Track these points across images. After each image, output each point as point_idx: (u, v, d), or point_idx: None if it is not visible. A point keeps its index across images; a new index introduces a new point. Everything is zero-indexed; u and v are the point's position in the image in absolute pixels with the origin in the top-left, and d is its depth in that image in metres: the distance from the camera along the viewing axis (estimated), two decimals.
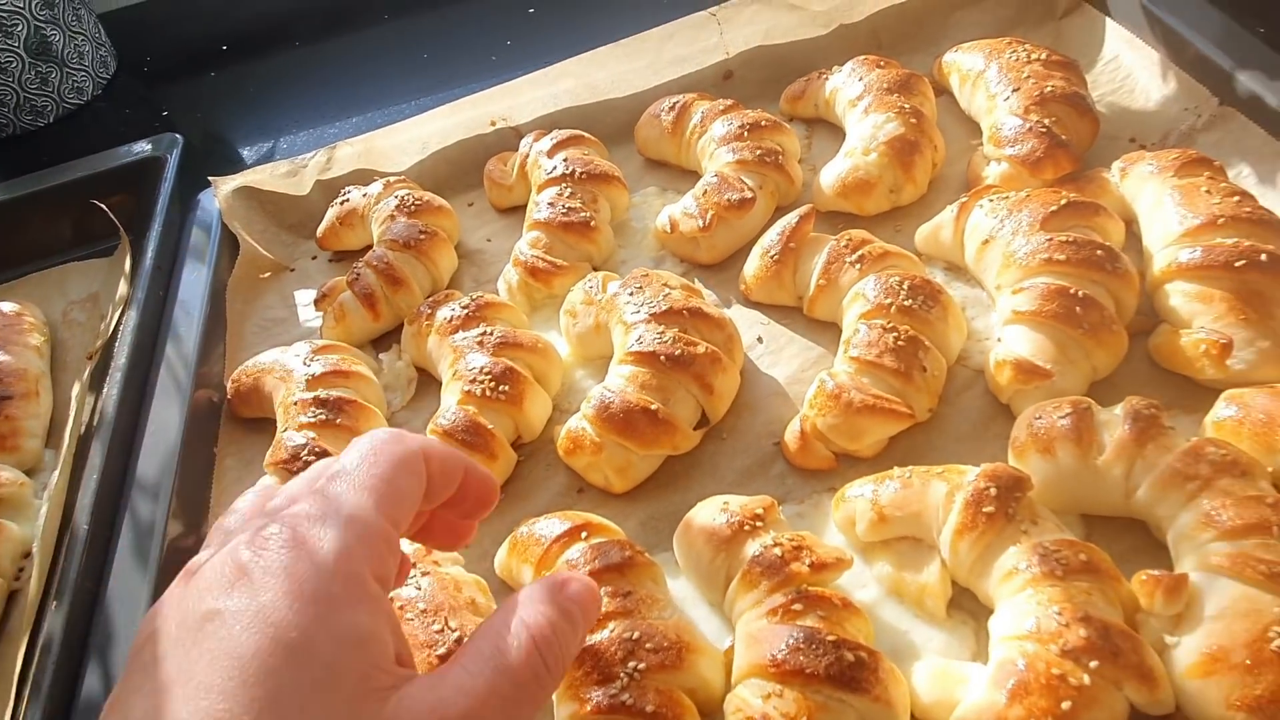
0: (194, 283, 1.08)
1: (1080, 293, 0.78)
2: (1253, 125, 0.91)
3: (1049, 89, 0.95)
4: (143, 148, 1.25)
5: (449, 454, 0.55)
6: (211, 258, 1.10)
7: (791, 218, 0.92)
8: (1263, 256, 0.76)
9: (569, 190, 1.01)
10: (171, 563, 0.83)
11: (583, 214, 1.00)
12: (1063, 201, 0.84)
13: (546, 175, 1.04)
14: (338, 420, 0.88)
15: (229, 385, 0.98)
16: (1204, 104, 0.96)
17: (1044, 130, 0.92)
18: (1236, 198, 0.81)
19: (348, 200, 1.11)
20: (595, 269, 1.01)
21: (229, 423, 0.98)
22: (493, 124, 1.16)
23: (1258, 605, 0.59)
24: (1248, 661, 0.58)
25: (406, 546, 0.79)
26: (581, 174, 1.02)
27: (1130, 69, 1.04)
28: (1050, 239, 0.82)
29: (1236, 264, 0.76)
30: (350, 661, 0.45)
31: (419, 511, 0.55)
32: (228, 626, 0.44)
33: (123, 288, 1.10)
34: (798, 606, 0.66)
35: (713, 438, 0.86)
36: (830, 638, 0.63)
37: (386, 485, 0.50)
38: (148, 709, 0.44)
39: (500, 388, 0.86)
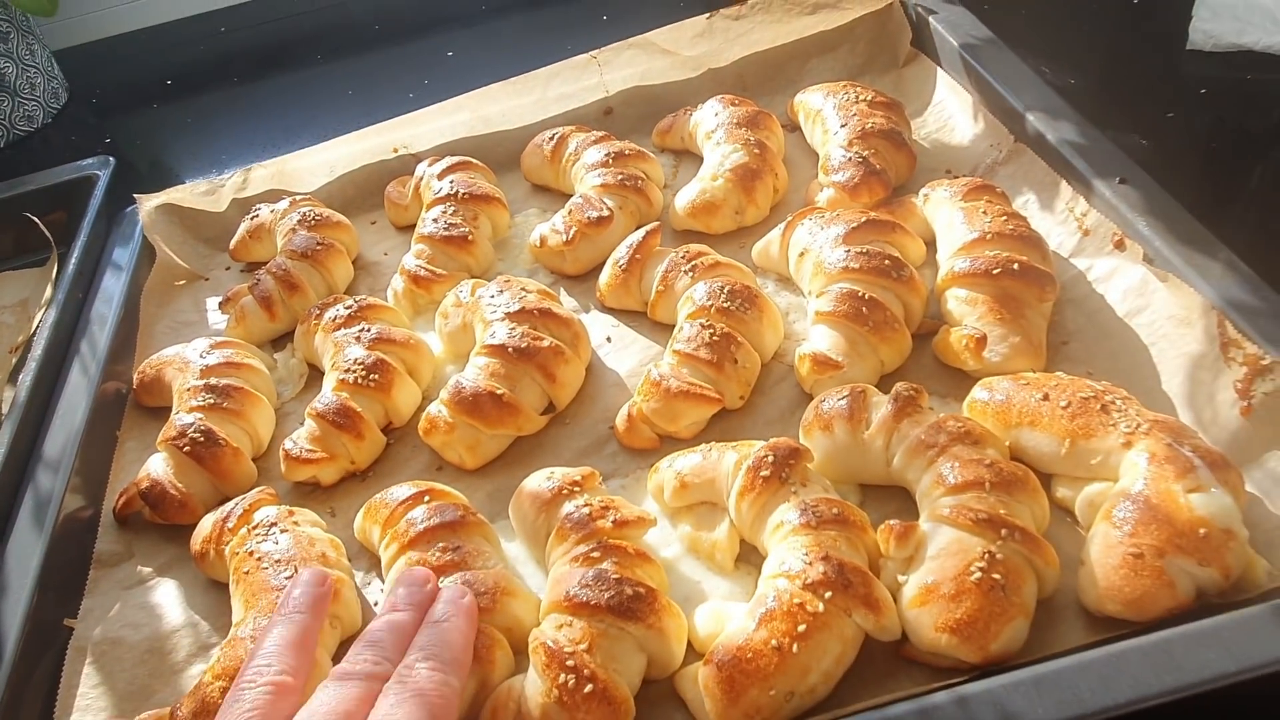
0: (112, 287, 1.18)
1: (868, 295, 0.91)
2: (1038, 160, 1.04)
3: (870, 125, 1.08)
4: (77, 167, 1.36)
5: (320, 593, 0.73)
6: (131, 266, 1.21)
7: (639, 233, 1.04)
8: (1015, 266, 0.88)
9: (452, 209, 1.13)
10: (65, 530, 0.93)
11: (462, 229, 1.12)
12: (864, 219, 0.96)
13: (434, 195, 1.16)
14: (225, 404, 0.98)
15: (135, 376, 1.08)
16: (1004, 141, 1.09)
17: (862, 160, 1.05)
18: (1005, 217, 0.94)
19: (257, 216, 1.22)
20: (474, 277, 1.12)
21: (134, 410, 1.08)
22: (395, 150, 1.28)
23: (965, 546, 0.70)
24: (953, 591, 0.69)
25: (271, 510, 0.89)
26: (465, 194, 1.14)
27: (952, 111, 1.18)
28: (849, 250, 0.94)
29: (994, 271, 0.89)
30: None
31: None
32: None
33: (48, 292, 1.20)
34: (596, 554, 0.76)
35: (557, 422, 0.97)
36: (615, 576, 0.74)
37: (299, 656, 0.66)
38: None
39: (371, 376, 0.96)
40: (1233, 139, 1.14)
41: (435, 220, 1.13)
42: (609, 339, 1.04)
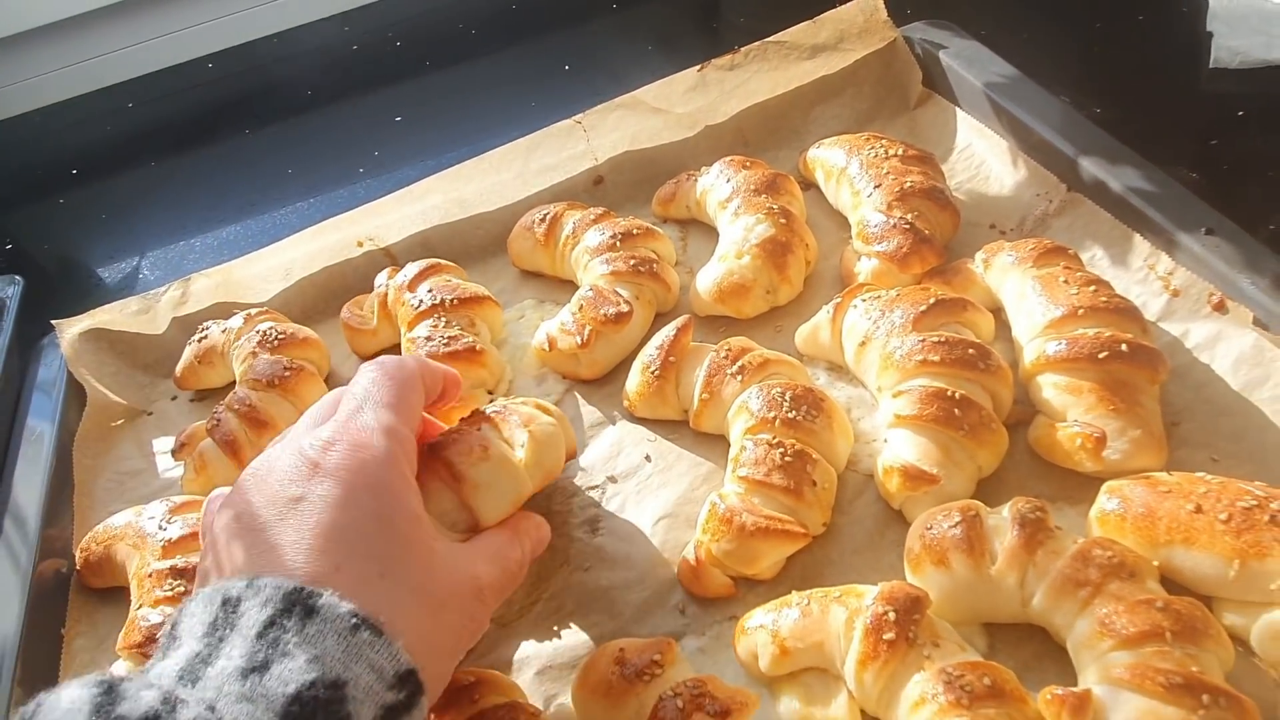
0: (37, 441, 0.99)
1: (957, 394, 0.79)
2: (1100, 210, 0.94)
3: (908, 184, 0.97)
4: None
5: (433, 369, 0.74)
6: (57, 411, 1.02)
7: (669, 330, 0.90)
8: (1123, 346, 0.77)
9: (444, 320, 0.97)
10: None
11: (466, 339, 0.96)
12: (931, 301, 0.84)
13: (415, 310, 0.99)
14: None
15: (78, 554, 0.89)
16: (1053, 190, 0.99)
17: (908, 226, 0.94)
18: (1093, 287, 0.83)
19: (206, 336, 1.04)
20: (490, 393, 0.97)
21: (79, 595, 0.89)
22: (360, 245, 1.12)
23: (1160, 718, 0.59)
24: None
25: None
26: (452, 300, 0.98)
27: (983, 157, 1.07)
28: (923, 340, 0.82)
29: (1100, 355, 0.77)
30: (417, 531, 0.62)
31: None
32: (312, 505, 0.58)
33: None
34: None
35: (604, 568, 0.82)
36: None
37: (401, 403, 0.67)
38: (246, 562, 0.56)
39: None
40: None
41: (429, 338, 0.96)
42: (648, 458, 0.90)
